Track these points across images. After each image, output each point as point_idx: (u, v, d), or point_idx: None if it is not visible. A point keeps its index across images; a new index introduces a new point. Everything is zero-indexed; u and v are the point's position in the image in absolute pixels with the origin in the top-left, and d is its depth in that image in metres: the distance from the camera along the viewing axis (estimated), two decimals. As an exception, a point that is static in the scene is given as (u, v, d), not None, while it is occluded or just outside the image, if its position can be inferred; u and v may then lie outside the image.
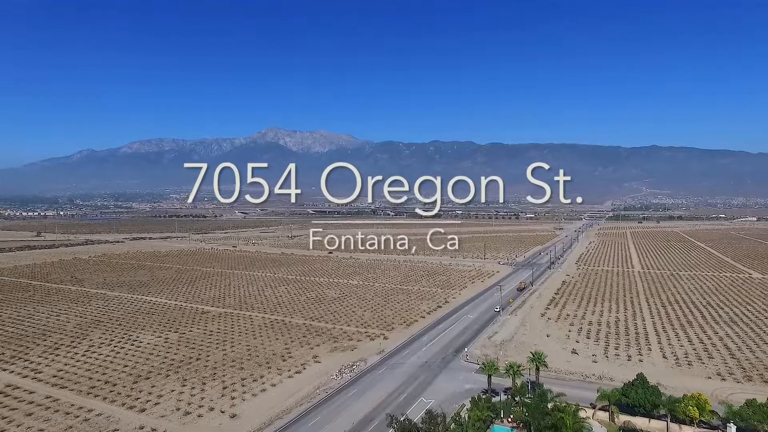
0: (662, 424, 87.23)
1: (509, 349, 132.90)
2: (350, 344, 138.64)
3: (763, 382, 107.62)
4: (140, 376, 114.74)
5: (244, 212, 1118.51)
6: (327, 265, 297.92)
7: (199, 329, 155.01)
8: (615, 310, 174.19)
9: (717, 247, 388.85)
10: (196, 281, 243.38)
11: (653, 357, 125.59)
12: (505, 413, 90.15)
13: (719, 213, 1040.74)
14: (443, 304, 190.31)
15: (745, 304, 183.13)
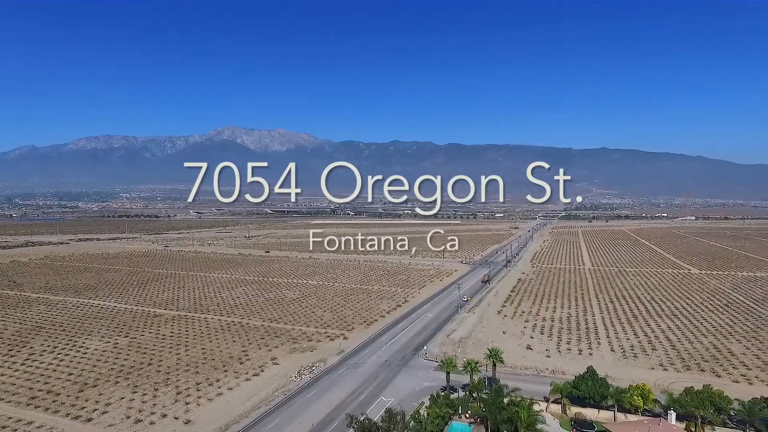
0: (610, 414, 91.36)
1: (467, 346, 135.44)
2: (309, 345, 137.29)
3: (700, 371, 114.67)
4: (86, 384, 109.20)
5: (200, 212, 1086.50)
6: (286, 266, 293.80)
7: (151, 333, 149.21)
8: (567, 307, 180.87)
9: (660, 245, 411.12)
10: (148, 283, 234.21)
11: (602, 350, 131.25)
12: (463, 409, 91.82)
13: (662, 212, 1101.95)
14: (403, 303, 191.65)
15: (685, 298, 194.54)
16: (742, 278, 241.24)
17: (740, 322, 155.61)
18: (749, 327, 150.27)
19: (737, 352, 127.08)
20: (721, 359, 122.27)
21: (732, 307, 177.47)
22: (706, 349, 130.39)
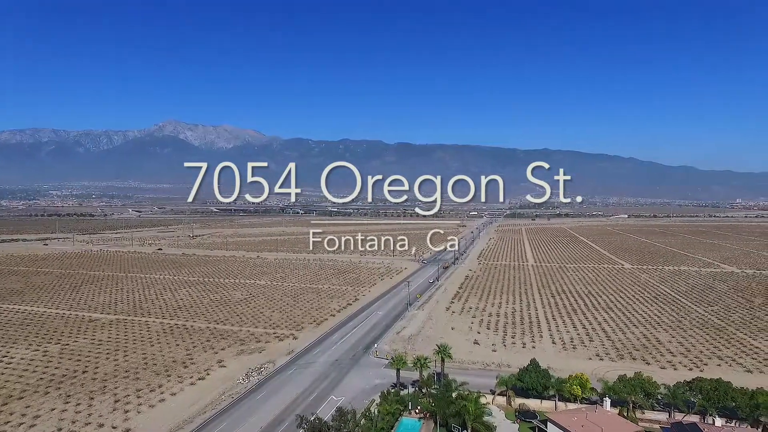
0: (551, 403, 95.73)
1: (417, 342, 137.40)
2: (258, 346, 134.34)
3: (632, 359, 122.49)
4: (11, 396, 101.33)
5: (139, 211, 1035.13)
6: (233, 266, 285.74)
7: (85, 339, 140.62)
8: (512, 302, 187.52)
9: (596, 242, 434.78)
10: (82, 286, 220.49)
11: (544, 343, 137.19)
12: (413, 405, 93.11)
13: (598, 211, 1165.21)
14: (353, 301, 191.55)
15: (619, 291, 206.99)
16: (669, 272, 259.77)
17: (667, 313, 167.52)
18: (674, 317, 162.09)
19: (664, 341, 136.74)
20: (650, 348, 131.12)
21: (659, 299, 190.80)
22: (637, 338, 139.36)
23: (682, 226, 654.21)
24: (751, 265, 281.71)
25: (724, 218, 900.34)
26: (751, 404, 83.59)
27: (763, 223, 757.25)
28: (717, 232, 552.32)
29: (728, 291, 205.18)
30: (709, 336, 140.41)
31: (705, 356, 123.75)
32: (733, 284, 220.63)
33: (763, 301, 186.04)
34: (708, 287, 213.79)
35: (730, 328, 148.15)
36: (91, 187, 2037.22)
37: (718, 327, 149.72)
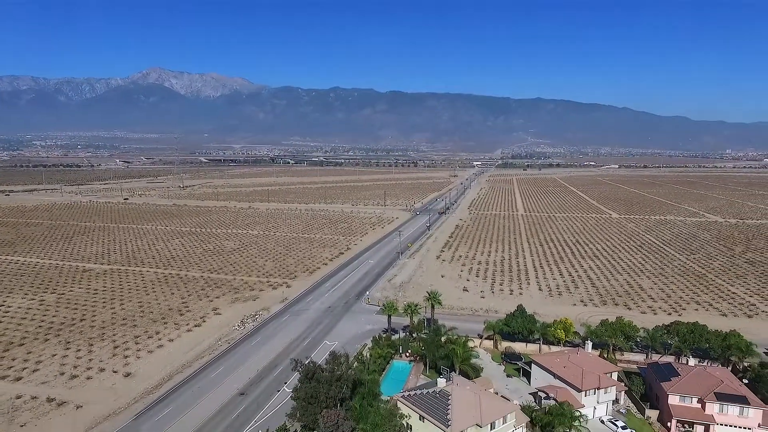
0: (536, 346, 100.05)
1: (408, 290, 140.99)
2: (252, 294, 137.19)
3: (615, 305, 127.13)
4: (11, 343, 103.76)
5: (127, 161, 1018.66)
6: (225, 216, 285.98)
7: (81, 288, 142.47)
8: (501, 250, 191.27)
9: (586, 192, 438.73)
10: (74, 237, 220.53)
11: (531, 290, 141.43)
12: (403, 349, 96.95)
13: (590, 161, 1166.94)
14: (345, 250, 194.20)
15: (605, 240, 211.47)
16: (655, 221, 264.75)
17: (650, 261, 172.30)
18: (657, 265, 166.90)
19: (646, 287, 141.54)
20: (632, 294, 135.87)
21: (644, 248, 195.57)
22: (620, 285, 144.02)
23: (672, 177, 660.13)
24: (734, 215, 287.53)
25: (713, 168, 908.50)
26: (723, 345, 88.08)
27: (750, 173, 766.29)
28: (705, 182, 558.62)
29: (711, 240, 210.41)
30: (689, 283, 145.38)
31: (684, 301, 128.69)
32: (716, 233, 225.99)
33: (743, 249, 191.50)
34: (692, 236, 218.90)
35: (710, 275, 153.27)
36: (76, 137, 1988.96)
37: (699, 274, 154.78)
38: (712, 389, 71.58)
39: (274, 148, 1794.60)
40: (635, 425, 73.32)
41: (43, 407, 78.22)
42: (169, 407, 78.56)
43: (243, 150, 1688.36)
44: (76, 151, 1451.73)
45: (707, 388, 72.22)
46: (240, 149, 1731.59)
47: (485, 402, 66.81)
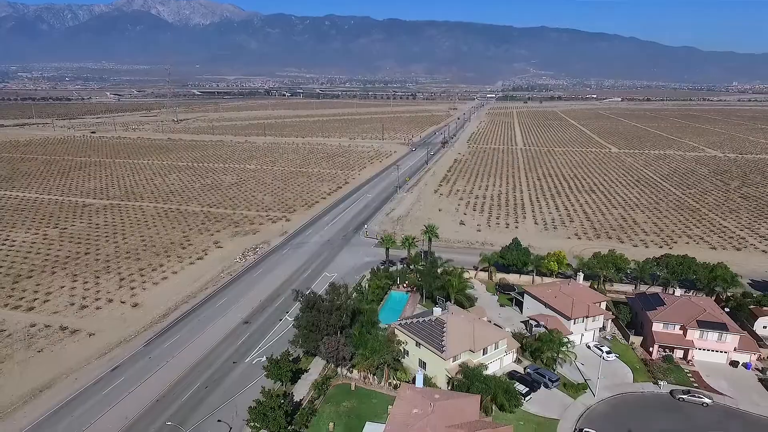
0: (529, 278, 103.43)
1: (405, 223, 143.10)
2: (252, 228, 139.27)
3: (608, 238, 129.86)
4: (20, 275, 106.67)
5: (118, 94, 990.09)
6: (221, 151, 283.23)
7: (82, 223, 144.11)
8: (498, 185, 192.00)
9: (587, 126, 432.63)
10: (70, 172, 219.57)
11: (527, 224, 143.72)
12: (401, 280, 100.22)
13: (592, 94, 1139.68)
14: (343, 185, 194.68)
15: (603, 174, 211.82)
16: (654, 156, 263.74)
17: (646, 196, 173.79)
18: (652, 200, 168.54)
19: (640, 221, 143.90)
20: (626, 228, 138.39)
21: (641, 183, 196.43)
22: (615, 219, 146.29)
23: (675, 110, 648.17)
24: (734, 149, 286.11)
25: (717, 102, 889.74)
26: (710, 276, 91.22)
27: (755, 106, 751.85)
28: (708, 116, 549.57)
29: (708, 174, 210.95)
30: (682, 217, 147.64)
31: (676, 235, 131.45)
32: (714, 168, 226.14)
33: (739, 184, 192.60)
34: (689, 171, 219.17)
35: (704, 210, 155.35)
36: (63, 68, 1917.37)
37: (693, 209, 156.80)
38: (694, 317, 75.13)
39: (269, 80, 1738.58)
40: (619, 350, 77.64)
41: (57, 335, 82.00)
42: (177, 335, 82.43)
43: (237, 82, 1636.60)
44: (65, 83, 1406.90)
45: (690, 316, 75.76)
46: (233, 81, 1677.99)
47: (478, 330, 70.24)
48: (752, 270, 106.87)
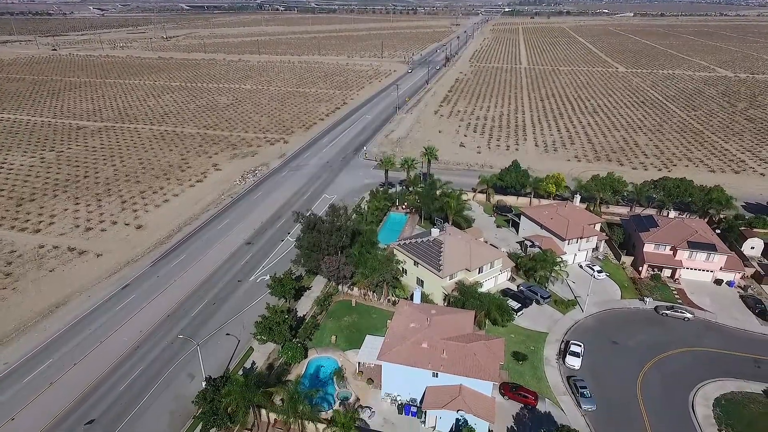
0: (527, 200, 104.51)
1: (405, 145, 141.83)
2: (250, 150, 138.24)
3: (608, 161, 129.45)
4: (22, 198, 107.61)
5: (102, 8, 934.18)
6: (215, 70, 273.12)
7: (78, 146, 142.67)
8: (500, 105, 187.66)
9: (595, 43, 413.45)
10: (60, 93, 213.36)
11: (527, 146, 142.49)
12: (400, 201, 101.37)
13: (603, 8, 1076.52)
14: (341, 105, 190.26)
15: (608, 95, 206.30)
16: (662, 76, 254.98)
17: (650, 117, 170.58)
18: (656, 121, 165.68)
19: (641, 144, 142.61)
20: (627, 150, 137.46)
21: (647, 104, 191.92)
22: (616, 141, 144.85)
23: (688, 26, 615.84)
24: (746, 69, 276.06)
25: (735, 17, 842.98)
26: (705, 199, 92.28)
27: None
28: (723, 33, 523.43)
29: (715, 96, 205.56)
30: (684, 140, 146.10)
31: (676, 158, 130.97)
32: (723, 89, 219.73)
33: (746, 105, 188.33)
34: (697, 92, 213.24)
35: (707, 132, 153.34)
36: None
37: (696, 131, 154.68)
38: (686, 238, 77.07)
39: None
40: (610, 269, 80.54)
41: (65, 255, 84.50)
42: (182, 255, 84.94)
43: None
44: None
45: (681, 237, 77.68)
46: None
47: (475, 249, 72.34)
48: (748, 193, 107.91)
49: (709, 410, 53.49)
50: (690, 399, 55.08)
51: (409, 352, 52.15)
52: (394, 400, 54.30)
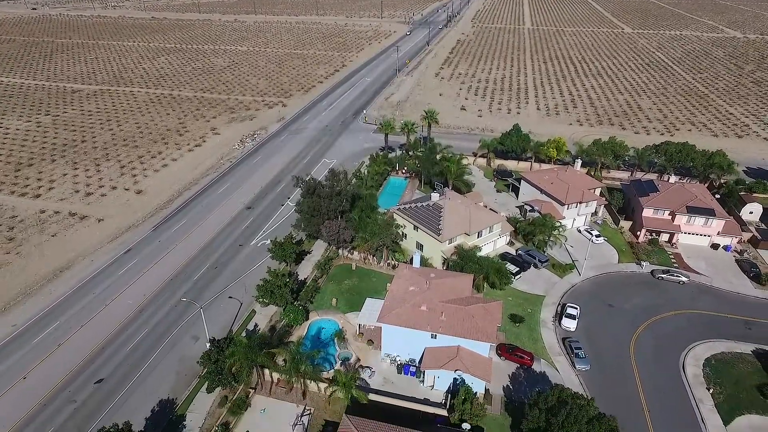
0: (527, 164, 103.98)
1: (405, 108, 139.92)
2: (248, 114, 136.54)
3: (611, 125, 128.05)
4: (20, 163, 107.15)
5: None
6: (210, 31, 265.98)
7: (74, 110, 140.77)
8: (503, 68, 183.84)
9: (601, 2, 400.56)
10: (53, 55, 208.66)
11: (529, 109, 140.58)
12: (400, 166, 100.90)
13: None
14: (340, 68, 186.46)
15: (613, 57, 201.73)
16: (669, 37, 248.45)
17: (655, 81, 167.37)
18: (661, 85, 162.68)
19: (645, 108, 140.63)
20: (630, 114, 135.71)
21: (653, 65, 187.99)
22: (619, 105, 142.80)
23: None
24: (756, 30, 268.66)
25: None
26: (706, 164, 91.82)
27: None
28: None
29: (723, 58, 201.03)
30: (689, 103, 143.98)
31: (679, 122, 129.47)
32: (731, 50, 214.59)
33: (754, 68, 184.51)
34: (704, 54, 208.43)
35: (712, 96, 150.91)
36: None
37: (701, 94, 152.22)
38: (685, 203, 77.24)
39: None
40: (608, 234, 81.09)
41: (67, 220, 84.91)
42: (183, 220, 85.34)
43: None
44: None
45: (681, 202, 77.83)
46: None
47: (474, 214, 72.62)
48: (750, 158, 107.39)
49: (699, 370, 55.12)
50: (681, 359, 56.65)
51: (408, 314, 53.23)
52: (393, 361, 55.85)
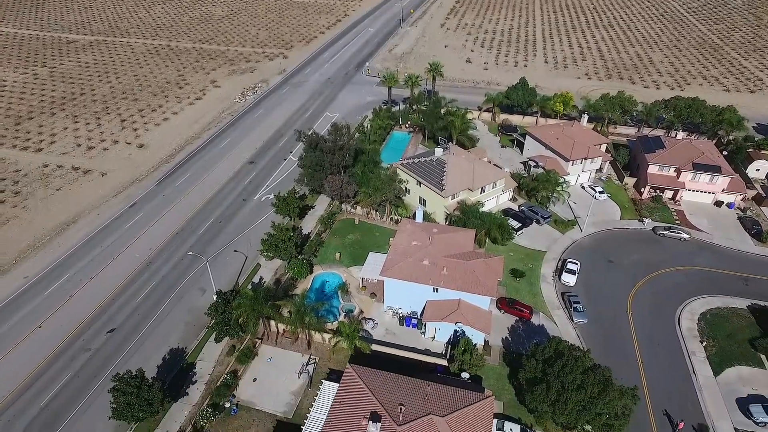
0: (533, 119, 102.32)
1: (409, 61, 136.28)
2: (249, 66, 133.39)
3: (620, 79, 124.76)
4: (20, 116, 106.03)
5: None
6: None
7: (71, 62, 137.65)
8: (510, 18, 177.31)
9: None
10: (45, 3, 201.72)
11: (537, 62, 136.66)
12: (403, 120, 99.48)
13: None
14: (343, 17, 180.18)
15: (625, 7, 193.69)
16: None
17: (668, 32, 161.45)
18: (674, 36, 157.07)
19: (656, 61, 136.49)
20: (640, 68, 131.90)
21: (667, 16, 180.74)
22: (630, 58, 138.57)
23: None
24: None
25: None
26: (716, 120, 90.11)
27: None
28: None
29: (740, 7, 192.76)
30: (701, 56, 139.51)
31: (691, 76, 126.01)
32: None
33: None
34: (721, 4, 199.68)
35: (727, 48, 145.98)
36: None
37: (716, 47, 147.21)
38: (691, 160, 76.47)
39: None
40: (612, 190, 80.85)
41: (71, 174, 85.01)
42: (186, 174, 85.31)
43: None
44: None
45: (687, 159, 77.04)
46: None
47: (478, 169, 72.26)
48: (761, 113, 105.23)
49: (693, 324, 56.49)
50: (677, 313, 57.94)
51: (410, 268, 54.11)
52: (395, 313, 57.33)
